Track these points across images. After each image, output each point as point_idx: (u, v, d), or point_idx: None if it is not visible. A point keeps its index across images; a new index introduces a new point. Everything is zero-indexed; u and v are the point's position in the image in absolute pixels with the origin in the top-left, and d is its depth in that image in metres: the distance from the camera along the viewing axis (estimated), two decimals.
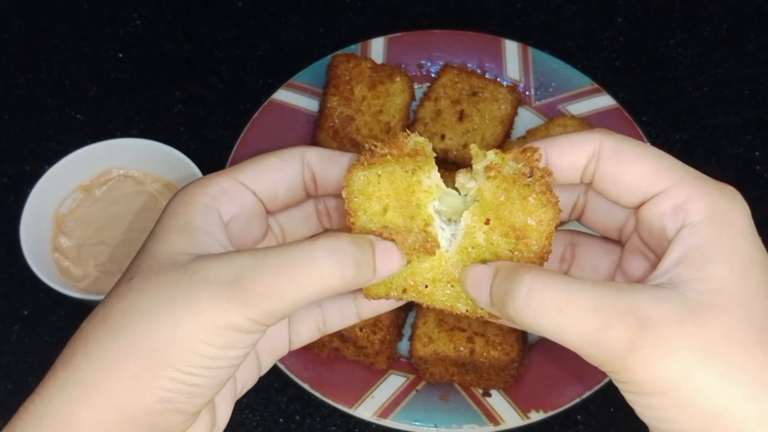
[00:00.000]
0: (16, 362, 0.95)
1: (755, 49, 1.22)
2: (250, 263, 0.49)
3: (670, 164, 0.53)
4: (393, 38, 1.16)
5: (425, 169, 0.54)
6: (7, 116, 1.15)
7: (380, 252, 0.53)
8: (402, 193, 0.54)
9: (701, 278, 0.48)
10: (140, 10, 1.25)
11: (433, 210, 0.55)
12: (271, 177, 0.59)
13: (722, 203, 0.51)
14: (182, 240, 0.53)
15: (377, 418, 0.88)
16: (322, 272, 0.50)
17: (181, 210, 0.55)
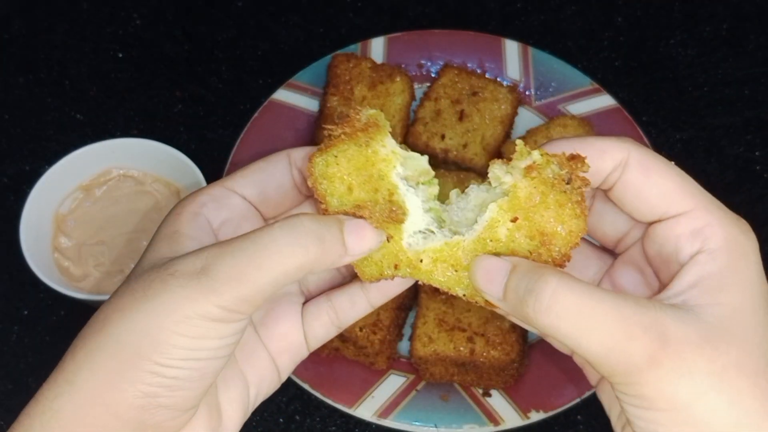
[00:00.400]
0: (16, 362, 0.95)
1: (755, 49, 1.22)
2: (215, 252, 0.51)
3: (694, 188, 0.54)
4: (393, 38, 1.16)
5: (378, 139, 0.54)
6: (7, 116, 1.15)
7: (349, 229, 0.54)
8: (362, 169, 0.54)
9: (717, 304, 0.50)
10: (140, 10, 1.25)
11: (396, 177, 0.54)
12: (258, 179, 0.60)
13: (739, 234, 0.53)
14: (165, 246, 0.55)
15: (377, 418, 0.87)
16: (284, 251, 0.50)
17: (171, 220, 0.58)
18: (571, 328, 0.49)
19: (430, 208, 0.56)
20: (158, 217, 0.98)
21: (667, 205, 0.53)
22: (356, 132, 0.54)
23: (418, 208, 0.55)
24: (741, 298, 0.50)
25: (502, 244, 0.53)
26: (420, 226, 0.55)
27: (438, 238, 0.55)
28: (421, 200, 0.55)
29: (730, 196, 1.07)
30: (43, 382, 0.97)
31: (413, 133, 1.05)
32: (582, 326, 0.48)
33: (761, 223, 1.06)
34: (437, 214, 0.56)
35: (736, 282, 0.51)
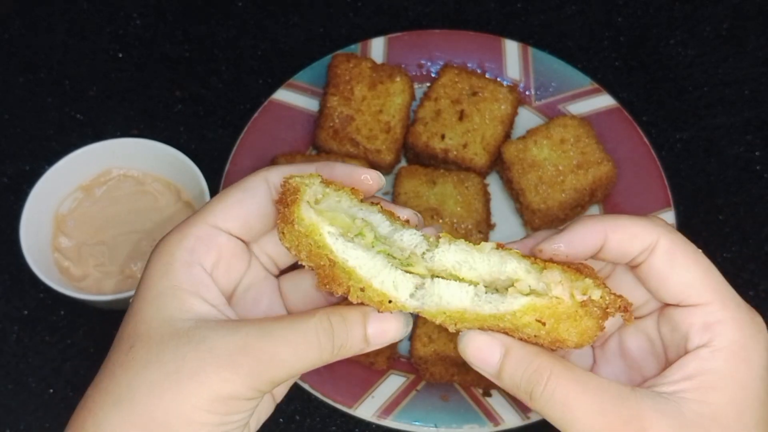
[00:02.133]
0: (16, 362, 0.95)
1: (755, 49, 1.22)
2: (253, 335, 0.53)
3: (716, 280, 0.56)
4: (393, 38, 1.16)
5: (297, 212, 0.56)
6: (7, 116, 1.15)
7: (371, 324, 0.57)
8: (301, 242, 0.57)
9: (704, 402, 0.52)
10: (140, 10, 1.25)
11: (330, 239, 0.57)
12: (242, 213, 0.60)
13: (748, 335, 0.54)
14: (173, 305, 0.55)
15: (377, 418, 0.87)
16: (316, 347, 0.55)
17: (164, 271, 0.57)
18: (559, 416, 0.53)
19: (379, 251, 0.58)
20: (158, 217, 0.98)
21: (687, 295, 0.56)
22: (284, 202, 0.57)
23: (364, 258, 0.57)
24: (729, 401, 0.53)
25: (514, 327, 0.55)
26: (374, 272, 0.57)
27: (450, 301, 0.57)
28: (362, 250, 0.57)
29: (731, 196, 1.08)
30: (42, 381, 0.98)
31: (413, 133, 1.05)
32: (568, 417, 0.53)
33: (761, 223, 1.06)
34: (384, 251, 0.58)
35: (730, 385, 0.53)
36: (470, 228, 0.98)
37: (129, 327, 0.55)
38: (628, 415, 0.52)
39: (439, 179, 1.02)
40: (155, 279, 0.57)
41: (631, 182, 1.04)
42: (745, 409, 0.53)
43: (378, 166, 1.04)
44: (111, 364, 0.55)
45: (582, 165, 1.01)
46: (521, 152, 1.03)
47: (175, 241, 0.58)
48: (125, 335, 0.55)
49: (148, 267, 0.58)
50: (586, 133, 1.03)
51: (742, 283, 1.01)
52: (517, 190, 1.02)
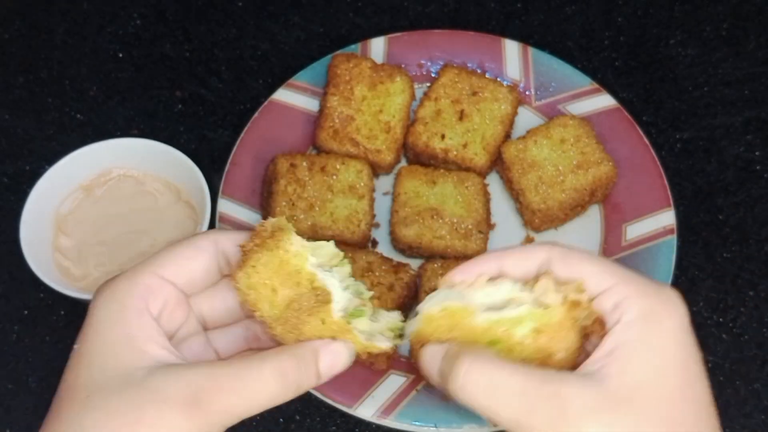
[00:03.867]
0: (16, 362, 0.95)
1: (755, 49, 1.22)
2: (205, 379, 0.55)
3: (613, 267, 0.60)
4: (393, 38, 1.16)
5: (285, 239, 0.60)
6: (7, 116, 1.15)
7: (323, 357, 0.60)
8: (279, 269, 0.59)
9: (623, 373, 0.55)
10: (140, 10, 1.25)
11: (311, 267, 0.60)
12: (188, 268, 0.63)
13: (656, 305, 0.57)
14: (128, 353, 0.57)
15: (377, 417, 0.88)
16: (268, 389, 0.57)
17: (116, 318, 0.59)
18: (483, 404, 0.56)
19: (347, 285, 0.62)
20: (158, 217, 0.98)
21: (593, 286, 0.59)
22: (265, 241, 0.60)
23: (337, 288, 0.61)
24: (647, 368, 0.55)
25: (508, 336, 0.59)
26: (341, 305, 0.60)
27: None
28: (338, 281, 0.61)
29: (730, 196, 1.08)
30: (42, 381, 0.98)
31: (413, 133, 1.05)
32: (491, 402, 0.55)
33: (761, 223, 1.06)
34: (354, 289, 0.63)
35: (645, 351, 0.56)
36: (470, 228, 0.98)
37: (82, 375, 0.57)
38: (549, 392, 0.54)
39: (439, 179, 1.02)
40: (106, 326, 0.58)
41: (631, 182, 1.04)
42: (666, 374, 0.55)
43: (378, 166, 1.04)
44: (66, 413, 0.56)
45: (582, 165, 1.01)
46: (521, 152, 1.03)
47: (123, 288, 0.60)
48: (79, 384, 0.57)
49: (94, 312, 0.59)
50: (586, 133, 1.03)
51: (742, 283, 1.01)
52: (517, 190, 1.02)
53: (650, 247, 0.98)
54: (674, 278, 0.96)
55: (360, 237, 0.98)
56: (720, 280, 1.02)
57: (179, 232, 0.97)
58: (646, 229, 0.99)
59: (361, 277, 0.92)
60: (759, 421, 0.92)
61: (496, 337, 0.58)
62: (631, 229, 1.01)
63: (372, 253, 0.96)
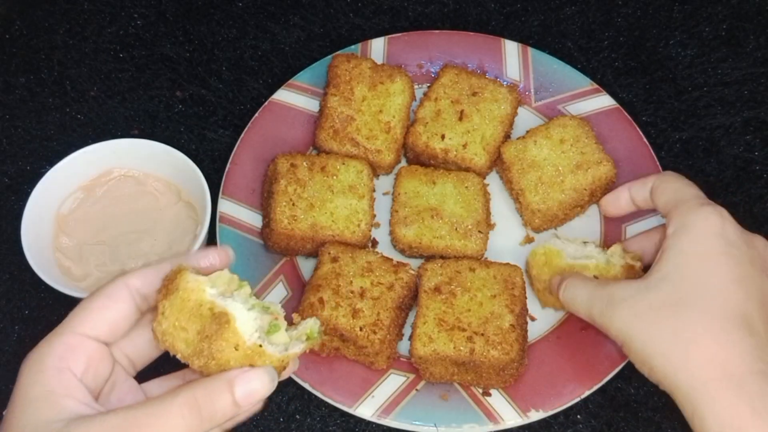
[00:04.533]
0: (17, 362, 0.95)
1: (755, 49, 1.22)
2: (121, 422, 0.57)
3: (680, 195, 0.83)
4: (393, 38, 1.16)
5: (182, 279, 0.64)
6: (8, 116, 1.15)
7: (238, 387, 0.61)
8: (183, 308, 0.63)
9: (656, 269, 0.77)
10: (141, 10, 1.25)
11: (209, 296, 0.63)
12: (107, 319, 0.65)
13: (687, 219, 0.79)
14: (46, 408, 0.59)
15: (377, 417, 0.88)
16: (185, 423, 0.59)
17: (36, 378, 0.61)
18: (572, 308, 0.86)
19: (252, 305, 0.65)
20: (159, 217, 0.98)
21: (664, 210, 0.85)
22: (167, 287, 0.64)
23: (241, 310, 0.63)
24: (671, 264, 0.76)
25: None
26: (250, 325, 0.63)
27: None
28: (240, 303, 0.64)
29: (730, 196, 1.08)
30: None
31: (413, 133, 1.05)
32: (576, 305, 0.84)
33: (761, 223, 1.06)
34: (260, 306, 0.66)
35: (672, 255, 0.77)
36: (470, 228, 0.99)
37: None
38: (602, 292, 0.79)
39: (439, 179, 1.03)
40: (27, 386, 0.61)
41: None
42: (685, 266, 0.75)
43: (378, 166, 1.05)
44: None
45: (581, 165, 1.01)
46: (521, 152, 1.03)
47: (45, 350, 0.62)
48: None
49: (20, 377, 0.62)
50: (585, 134, 1.04)
51: None
52: (517, 190, 1.02)
53: None
54: None
55: (360, 237, 0.98)
56: None
57: (180, 232, 0.97)
58: (646, 228, 0.99)
59: (361, 277, 0.92)
60: None
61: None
62: (630, 230, 1.01)
63: (372, 253, 0.96)
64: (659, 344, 0.72)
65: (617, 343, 0.77)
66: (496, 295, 0.91)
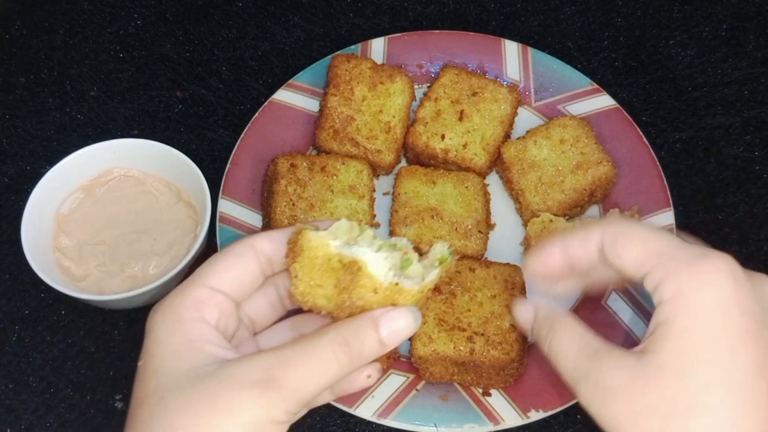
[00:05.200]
0: (17, 362, 0.95)
1: (755, 49, 1.22)
2: (275, 363, 0.57)
3: (652, 245, 0.62)
4: (393, 38, 1.16)
5: (304, 240, 0.62)
6: (8, 116, 1.15)
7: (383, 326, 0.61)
8: (313, 267, 0.62)
9: (653, 350, 0.59)
10: (141, 10, 1.25)
11: (335, 248, 0.62)
12: (235, 276, 0.65)
13: (690, 283, 0.59)
14: (190, 357, 0.59)
15: (377, 417, 0.88)
16: (335, 360, 0.59)
17: (174, 328, 0.61)
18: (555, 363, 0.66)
19: (379, 246, 0.63)
20: (159, 217, 0.98)
21: (638, 269, 0.63)
22: (293, 250, 0.63)
23: (369, 254, 0.62)
24: (673, 345, 0.58)
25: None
26: (383, 266, 0.62)
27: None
28: (366, 247, 0.63)
29: (730, 196, 1.08)
30: (43, 381, 0.98)
31: (413, 133, 1.05)
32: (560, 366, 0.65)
33: (761, 223, 1.06)
34: (388, 245, 0.64)
35: (673, 331, 0.58)
36: (470, 228, 0.99)
37: (152, 383, 0.58)
38: (588, 370, 0.62)
39: (439, 179, 1.03)
40: (166, 337, 0.60)
41: (630, 182, 1.04)
42: (693, 352, 0.57)
43: (378, 166, 1.05)
44: (144, 417, 0.57)
45: (581, 165, 1.01)
46: (521, 152, 1.03)
47: (176, 302, 0.62)
48: (150, 391, 0.58)
49: (152, 329, 0.61)
50: (585, 134, 1.04)
51: None
52: (517, 190, 1.02)
53: None
54: None
55: None
56: None
57: (180, 232, 0.97)
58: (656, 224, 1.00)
59: None
60: None
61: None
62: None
63: None
64: None
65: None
66: (496, 295, 0.91)
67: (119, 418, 0.91)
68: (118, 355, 0.95)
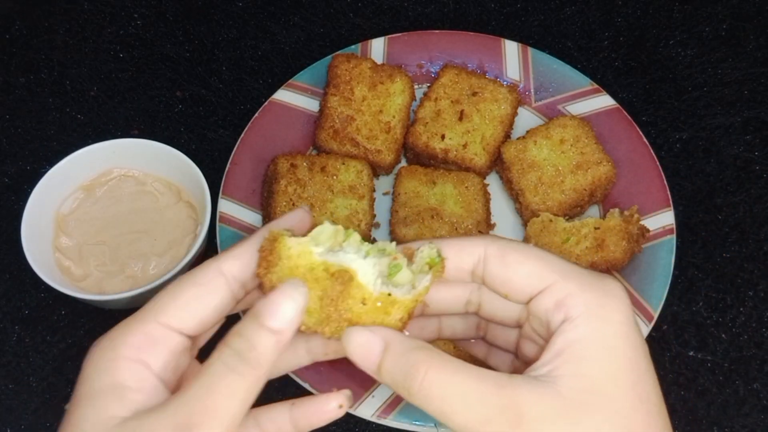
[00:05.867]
0: (17, 362, 0.95)
1: (755, 49, 1.22)
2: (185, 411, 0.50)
3: (552, 263, 0.57)
4: (393, 38, 1.16)
5: (282, 247, 0.55)
6: (8, 116, 1.15)
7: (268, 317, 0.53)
8: (295, 276, 0.55)
9: (576, 375, 0.52)
10: (141, 10, 1.25)
11: (319, 256, 0.55)
12: (198, 311, 0.56)
13: (601, 298, 0.54)
14: (113, 403, 0.52)
15: (377, 417, 0.88)
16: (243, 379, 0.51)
17: (106, 367, 0.53)
18: (439, 410, 0.52)
19: (367, 251, 0.57)
20: (159, 217, 0.98)
21: (531, 285, 0.56)
22: (268, 259, 0.56)
23: (358, 261, 0.56)
24: (600, 368, 0.52)
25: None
26: (372, 274, 0.56)
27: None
28: (353, 253, 0.56)
29: (729, 196, 1.08)
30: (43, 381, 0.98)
31: (413, 133, 1.05)
32: (447, 410, 0.52)
33: (760, 223, 1.06)
34: (375, 250, 0.58)
35: (596, 349, 0.53)
36: (470, 228, 0.99)
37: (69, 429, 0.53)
38: (505, 402, 0.51)
39: (439, 179, 1.03)
40: (94, 376, 0.54)
41: (630, 182, 1.04)
42: (618, 374, 0.52)
43: (378, 166, 1.05)
44: None
45: (581, 165, 1.01)
46: (521, 152, 1.03)
47: (119, 337, 0.55)
48: None
49: (86, 365, 0.54)
50: (585, 134, 1.04)
51: (741, 283, 1.01)
52: (517, 190, 1.02)
53: (650, 247, 0.98)
54: (674, 278, 0.97)
55: None
56: (719, 279, 1.02)
57: (180, 232, 0.97)
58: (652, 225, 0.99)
59: None
60: (758, 420, 0.92)
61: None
62: None
63: None
64: None
65: None
66: None
67: None
68: None
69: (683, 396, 0.93)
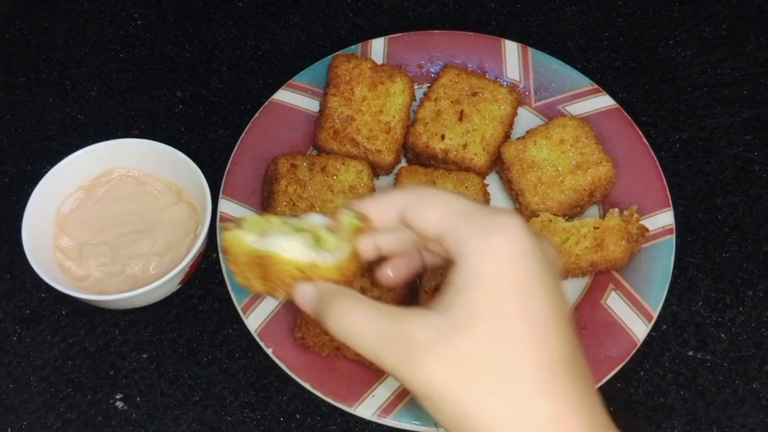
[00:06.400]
0: (18, 362, 0.96)
1: (755, 49, 1.22)
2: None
3: (455, 206, 0.63)
4: (393, 38, 1.16)
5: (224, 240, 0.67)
6: (8, 116, 1.15)
7: None
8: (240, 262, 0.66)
9: (463, 303, 0.58)
10: (141, 10, 1.25)
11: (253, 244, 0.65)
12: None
13: (489, 234, 0.60)
14: None
15: (377, 417, 0.88)
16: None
17: None
18: (350, 342, 0.61)
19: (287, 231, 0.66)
20: (159, 217, 0.98)
21: (437, 229, 0.63)
22: (226, 252, 0.67)
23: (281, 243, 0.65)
24: (484, 294, 0.58)
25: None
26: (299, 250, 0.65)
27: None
28: (278, 236, 0.65)
29: (729, 196, 1.08)
30: (44, 381, 0.99)
31: (413, 133, 1.05)
32: (354, 341, 0.61)
33: (760, 223, 1.06)
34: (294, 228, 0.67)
35: (481, 280, 0.59)
36: None
37: None
38: (396, 330, 0.59)
39: (439, 179, 1.03)
40: None
41: (630, 182, 1.04)
42: (500, 297, 0.58)
43: (378, 166, 1.05)
44: None
45: (581, 165, 1.01)
46: (520, 153, 1.03)
47: None
48: None
49: None
50: (585, 134, 1.04)
51: (740, 283, 1.02)
52: (517, 190, 1.02)
53: (649, 247, 0.98)
54: (673, 278, 0.97)
55: None
56: (719, 279, 1.02)
57: (180, 232, 0.97)
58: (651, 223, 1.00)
59: (362, 277, 0.92)
60: (757, 420, 0.92)
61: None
62: None
63: None
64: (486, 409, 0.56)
65: (417, 398, 0.59)
66: None
67: (119, 418, 0.91)
68: (118, 355, 0.95)
69: (683, 396, 0.93)
